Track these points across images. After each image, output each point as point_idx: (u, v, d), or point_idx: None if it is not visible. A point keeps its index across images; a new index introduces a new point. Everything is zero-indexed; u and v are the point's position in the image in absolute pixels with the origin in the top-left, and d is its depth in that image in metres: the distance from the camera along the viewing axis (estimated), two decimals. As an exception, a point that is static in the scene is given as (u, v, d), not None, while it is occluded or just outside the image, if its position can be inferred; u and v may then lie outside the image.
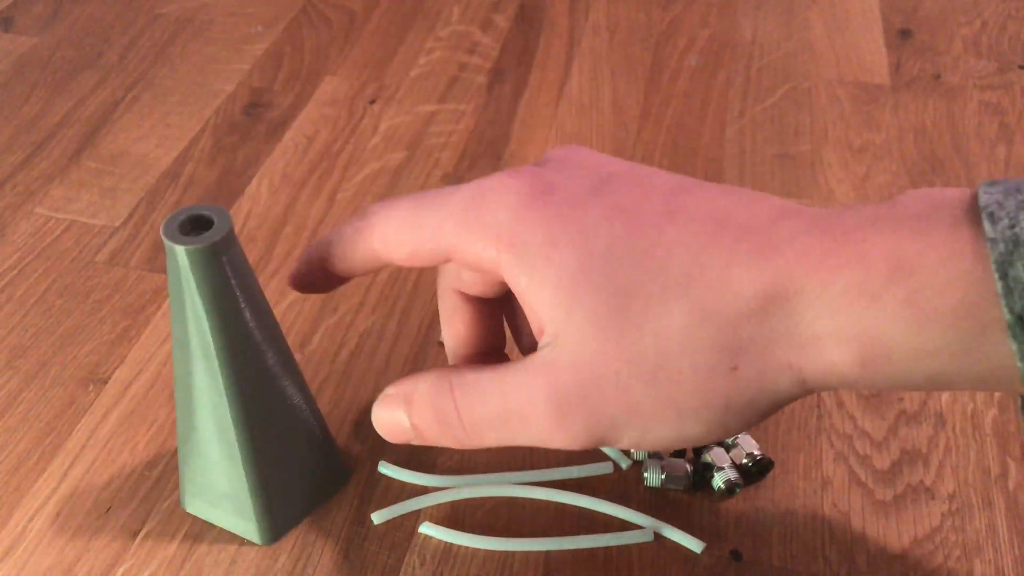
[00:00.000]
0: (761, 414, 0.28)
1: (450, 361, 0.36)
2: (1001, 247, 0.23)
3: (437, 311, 0.42)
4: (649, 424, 0.28)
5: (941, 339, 0.25)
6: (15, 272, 0.50)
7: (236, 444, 0.36)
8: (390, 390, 0.32)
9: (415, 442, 0.32)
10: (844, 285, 0.25)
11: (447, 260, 0.30)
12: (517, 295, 0.29)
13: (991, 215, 0.24)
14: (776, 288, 0.26)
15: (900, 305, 0.25)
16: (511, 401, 0.29)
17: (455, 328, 0.35)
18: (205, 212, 0.33)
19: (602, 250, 0.27)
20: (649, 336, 0.27)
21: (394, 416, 0.32)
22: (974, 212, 0.25)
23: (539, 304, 0.28)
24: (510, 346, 0.38)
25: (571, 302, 0.27)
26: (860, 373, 0.26)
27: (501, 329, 0.36)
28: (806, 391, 0.27)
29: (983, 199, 0.24)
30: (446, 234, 0.29)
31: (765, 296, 0.26)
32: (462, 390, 0.30)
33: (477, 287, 0.33)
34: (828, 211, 0.27)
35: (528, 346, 0.36)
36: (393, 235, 0.31)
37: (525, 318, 0.35)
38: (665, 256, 0.27)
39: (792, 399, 0.28)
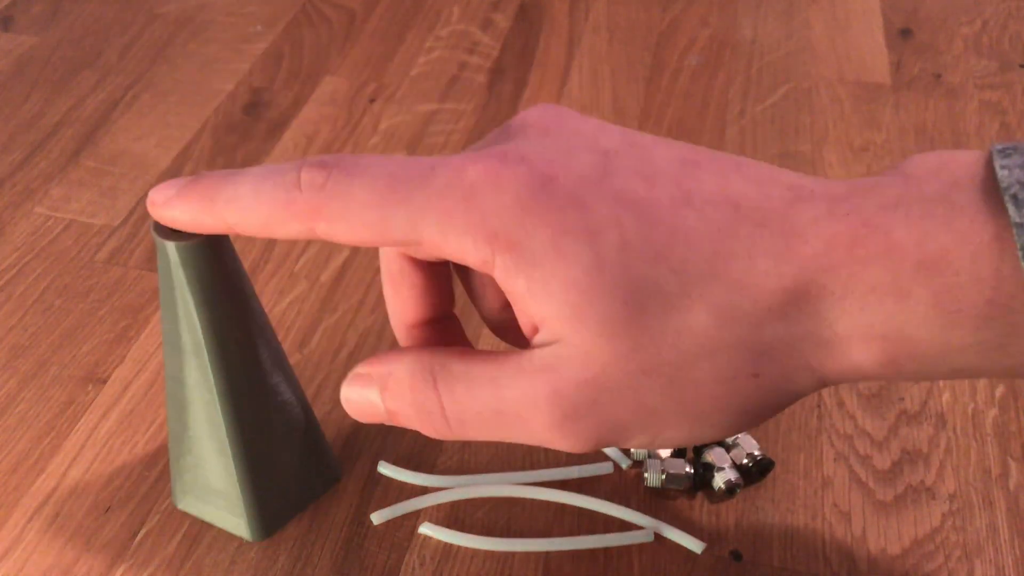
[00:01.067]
0: (774, 412, 0.27)
1: (395, 328, 0.32)
2: None
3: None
4: (662, 428, 0.27)
5: (971, 337, 0.24)
6: (14, 272, 0.50)
7: (227, 441, 0.36)
8: (361, 369, 0.29)
9: (388, 423, 0.29)
10: (872, 283, 0.24)
11: (417, 250, 0.27)
12: (509, 295, 0.27)
13: (1014, 197, 0.23)
14: (801, 284, 0.25)
15: (929, 304, 0.24)
16: (507, 401, 0.27)
17: (402, 295, 0.31)
18: None
19: (613, 250, 0.25)
20: (668, 341, 0.25)
21: (366, 397, 0.29)
22: (993, 190, 0.23)
23: (540, 307, 0.26)
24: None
25: (579, 307, 0.25)
26: (881, 371, 0.26)
27: (451, 290, 0.32)
28: (822, 387, 0.27)
29: (1003, 178, 0.23)
30: (426, 226, 0.26)
31: (790, 293, 0.25)
32: (447, 383, 0.28)
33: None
34: (841, 189, 0.26)
35: (491, 314, 0.33)
36: (351, 222, 0.26)
37: (486, 287, 0.32)
38: (683, 249, 0.25)
39: (806, 395, 0.27)
